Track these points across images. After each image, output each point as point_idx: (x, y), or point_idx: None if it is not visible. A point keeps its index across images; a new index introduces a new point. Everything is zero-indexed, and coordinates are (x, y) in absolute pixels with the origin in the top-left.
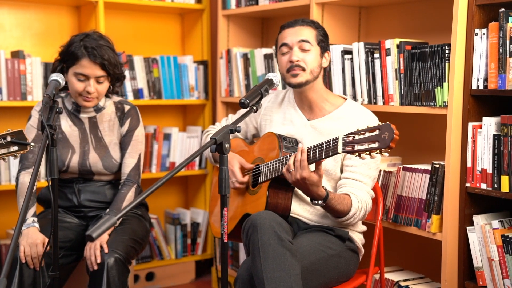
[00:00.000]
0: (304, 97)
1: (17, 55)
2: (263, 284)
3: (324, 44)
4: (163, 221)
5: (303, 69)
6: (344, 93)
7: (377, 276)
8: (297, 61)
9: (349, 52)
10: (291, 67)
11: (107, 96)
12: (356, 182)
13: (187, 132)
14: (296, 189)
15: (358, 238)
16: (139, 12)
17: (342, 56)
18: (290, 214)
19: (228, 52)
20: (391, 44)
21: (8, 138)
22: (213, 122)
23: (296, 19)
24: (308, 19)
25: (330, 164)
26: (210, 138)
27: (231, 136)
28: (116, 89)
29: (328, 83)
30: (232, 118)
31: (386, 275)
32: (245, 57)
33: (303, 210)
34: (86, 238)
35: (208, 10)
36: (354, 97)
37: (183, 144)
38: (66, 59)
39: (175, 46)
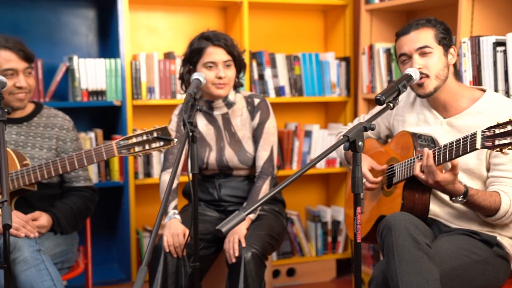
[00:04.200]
0: (437, 100)
1: (168, 56)
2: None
3: (446, 41)
4: (303, 218)
5: (427, 76)
6: (496, 89)
7: None
8: (419, 69)
9: (502, 43)
10: None
11: (236, 90)
12: (508, 180)
13: (328, 129)
14: (434, 189)
15: (509, 244)
16: (282, 11)
17: (494, 49)
18: (430, 216)
19: (371, 47)
20: None
21: (155, 134)
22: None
23: (410, 23)
24: (422, 19)
25: (473, 162)
26: (343, 136)
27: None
28: (241, 82)
29: (477, 78)
30: (365, 118)
31: None
32: (388, 52)
33: (443, 212)
34: (216, 232)
35: (351, 6)
36: (507, 92)
37: (324, 141)
38: (192, 56)
39: (317, 43)
